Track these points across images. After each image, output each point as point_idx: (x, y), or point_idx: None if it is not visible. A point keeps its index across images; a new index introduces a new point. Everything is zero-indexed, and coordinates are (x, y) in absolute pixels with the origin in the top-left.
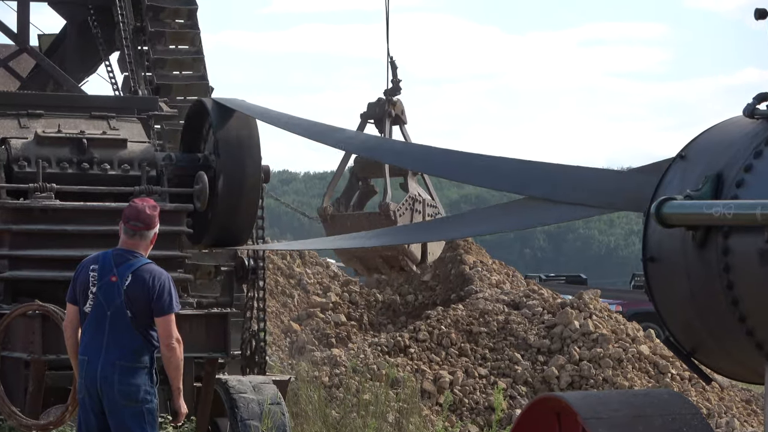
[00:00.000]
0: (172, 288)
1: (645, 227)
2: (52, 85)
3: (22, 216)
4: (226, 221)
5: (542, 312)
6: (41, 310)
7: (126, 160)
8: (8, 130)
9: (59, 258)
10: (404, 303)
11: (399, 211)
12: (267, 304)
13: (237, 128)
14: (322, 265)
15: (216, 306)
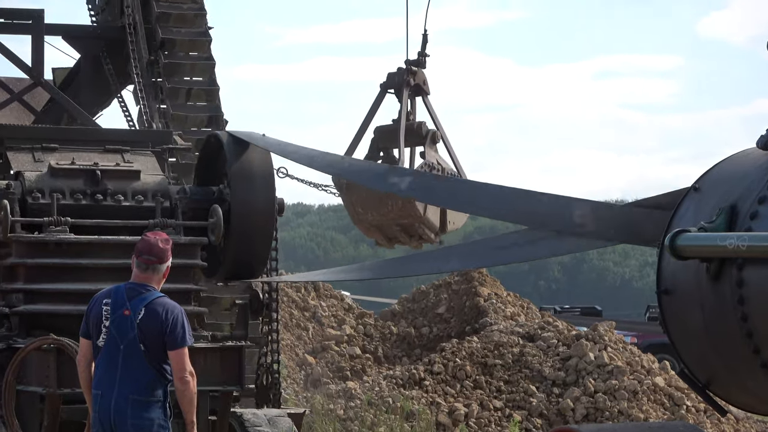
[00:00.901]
0: (185, 321)
1: (659, 259)
2: (66, 119)
3: (36, 250)
4: (240, 254)
5: (557, 344)
6: (56, 344)
7: (140, 191)
8: (23, 164)
9: (74, 291)
10: (419, 335)
11: None
12: (281, 337)
13: (251, 161)
14: (336, 297)
15: (230, 339)
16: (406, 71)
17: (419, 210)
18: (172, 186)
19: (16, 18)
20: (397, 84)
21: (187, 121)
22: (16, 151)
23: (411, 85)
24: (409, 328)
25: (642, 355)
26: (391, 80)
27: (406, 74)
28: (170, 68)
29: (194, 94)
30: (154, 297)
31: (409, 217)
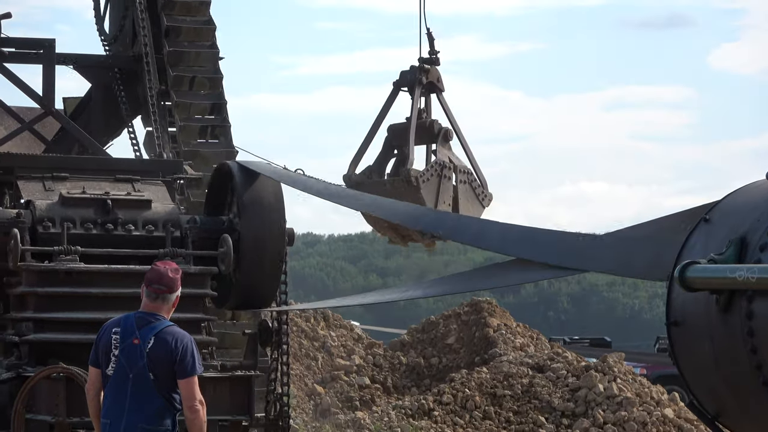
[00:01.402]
0: (194, 350)
1: (669, 291)
2: (77, 148)
3: (46, 278)
4: (250, 284)
5: (566, 375)
6: (65, 373)
7: (150, 220)
8: (33, 193)
9: (83, 320)
10: (428, 366)
11: (423, 178)
12: (291, 367)
13: (261, 191)
14: (346, 327)
15: (240, 369)
16: (418, 69)
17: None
18: (182, 215)
19: (27, 47)
20: (409, 82)
21: (191, 108)
22: (26, 180)
23: (423, 84)
24: (419, 358)
25: (651, 387)
26: (403, 78)
27: (419, 72)
28: (175, 57)
29: (198, 82)
30: (164, 326)
31: None
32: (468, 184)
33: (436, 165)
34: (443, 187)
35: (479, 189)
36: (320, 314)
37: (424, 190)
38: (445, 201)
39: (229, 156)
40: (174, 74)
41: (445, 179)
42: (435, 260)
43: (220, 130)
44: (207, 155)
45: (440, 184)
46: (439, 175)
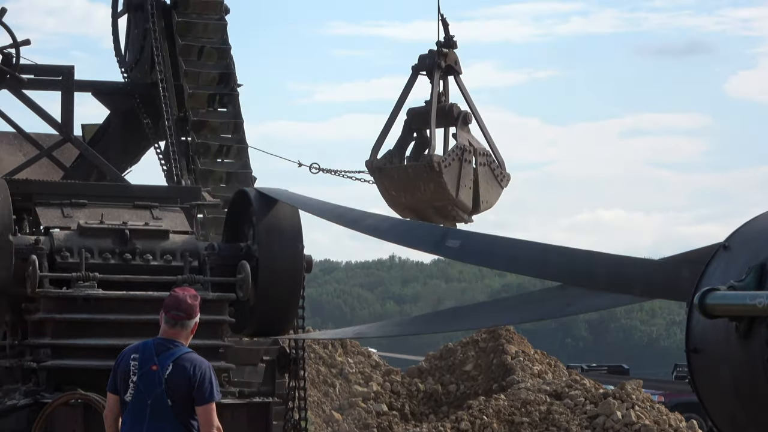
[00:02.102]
0: (212, 377)
1: (688, 318)
2: (95, 175)
3: (65, 305)
4: (268, 311)
5: (584, 402)
6: (83, 399)
7: (168, 250)
8: (51, 220)
9: (102, 347)
10: (446, 393)
11: (444, 162)
12: (308, 394)
13: (279, 218)
14: (363, 354)
15: (257, 395)
16: (437, 53)
17: (451, 192)
18: (200, 243)
19: (46, 74)
20: (428, 66)
21: (200, 78)
22: (45, 206)
23: (442, 67)
24: (437, 385)
25: (669, 414)
26: (422, 62)
27: (437, 56)
28: (183, 27)
29: (206, 52)
30: (182, 352)
31: (442, 200)
32: (488, 165)
33: (457, 149)
34: (464, 171)
35: (498, 170)
36: (338, 341)
37: (446, 175)
38: (466, 184)
39: (236, 126)
40: (183, 44)
41: (466, 163)
42: (452, 287)
43: (228, 99)
44: (215, 125)
45: (461, 168)
46: (460, 159)
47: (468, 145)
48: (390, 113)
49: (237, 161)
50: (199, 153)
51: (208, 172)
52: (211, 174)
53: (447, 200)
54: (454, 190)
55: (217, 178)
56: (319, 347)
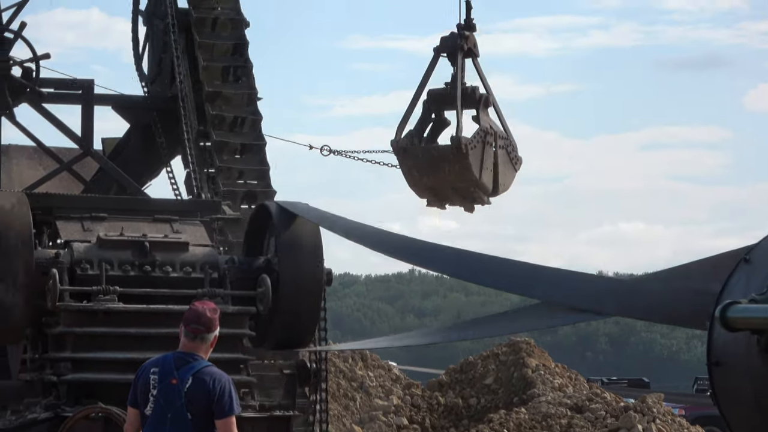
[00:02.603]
0: (232, 390)
1: (709, 331)
2: (115, 189)
3: (85, 318)
4: (288, 324)
5: (605, 416)
6: (104, 413)
7: (188, 263)
8: (72, 233)
9: (122, 360)
10: (466, 406)
11: (471, 145)
12: (329, 407)
13: (299, 231)
14: (384, 368)
15: (278, 409)
16: (459, 36)
17: (476, 174)
18: (220, 256)
19: (66, 88)
20: (450, 48)
21: (214, 49)
22: (65, 220)
23: (465, 49)
24: (457, 398)
25: (690, 428)
26: (444, 44)
27: (460, 39)
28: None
29: (220, 23)
30: (202, 366)
31: (465, 181)
32: (504, 149)
33: (481, 132)
34: (486, 154)
35: (513, 153)
36: (358, 354)
37: (471, 157)
38: (488, 167)
39: (250, 98)
40: (196, 16)
41: (488, 146)
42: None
43: (243, 71)
44: (229, 96)
45: (484, 151)
46: (483, 142)
47: (489, 129)
48: (413, 95)
49: (251, 132)
50: (213, 125)
51: (222, 143)
52: (226, 145)
53: (470, 182)
54: (478, 172)
55: (231, 150)
56: (340, 361)
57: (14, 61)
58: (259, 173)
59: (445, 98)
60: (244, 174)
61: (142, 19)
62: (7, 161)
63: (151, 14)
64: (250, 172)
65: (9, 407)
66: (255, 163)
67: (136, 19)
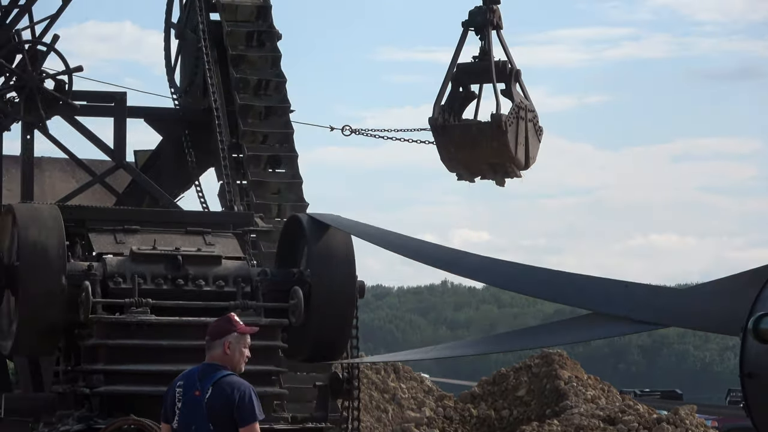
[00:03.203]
0: (253, 396)
1: (743, 343)
2: (147, 201)
3: (118, 331)
4: (321, 336)
5: (638, 427)
6: (136, 425)
7: (221, 276)
8: (104, 246)
9: (154, 372)
10: (499, 418)
11: (509, 122)
12: (361, 419)
13: (332, 243)
14: (416, 379)
15: (311, 421)
16: (488, 10)
17: (512, 150)
18: (252, 268)
19: (99, 101)
20: (479, 23)
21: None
22: (98, 232)
23: (494, 23)
24: (489, 410)
25: None
26: (473, 19)
27: (489, 13)
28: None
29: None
30: (222, 375)
31: (500, 157)
32: (532, 121)
33: (515, 108)
34: (520, 129)
35: (537, 125)
36: (391, 366)
37: (509, 134)
38: (520, 141)
39: (274, 60)
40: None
41: (521, 120)
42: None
43: (266, 36)
44: (253, 59)
45: (518, 127)
46: (518, 117)
47: (521, 102)
48: (446, 71)
49: (276, 95)
50: (239, 88)
51: (247, 107)
52: (251, 109)
53: (507, 158)
54: (514, 148)
55: (256, 113)
56: (372, 372)
57: (47, 74)
58: (282, 136)
59: (474, 72)
60: (268, 138)
61: (174, 32)
62: (40, 174)
63: (183, 27)
64: (273, 136)
65: (42, 419)
66: (279, 126)
67: (168, 31)
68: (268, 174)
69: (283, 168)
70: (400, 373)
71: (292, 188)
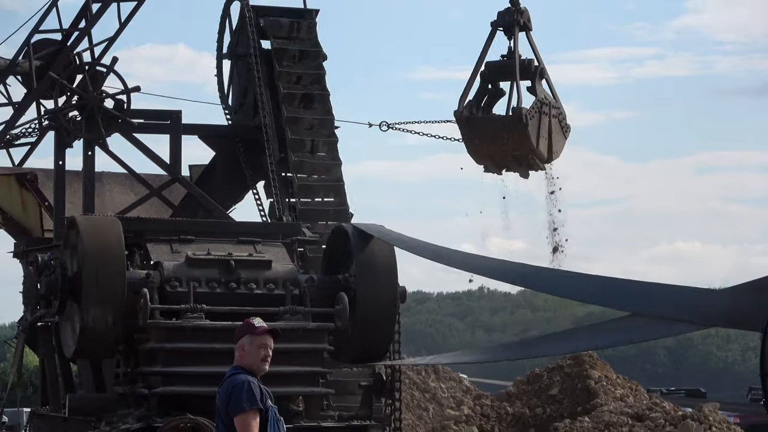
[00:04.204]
0: (245, 389)
1: (762, 343)
2: (201, 212)
3: (174, 335)
4: (365, 339)
5: (664, 424)
6: (192, 423)
7: (271, 280)
8: (161, 255)
9: (209, 374)
10: (533, 415)
11: (530, 115)
12: (403, 417)
13: (375, 252)
14: (455, 379)
15: (356, 419)
16: (515, 11)
17: (533, 143)
18: (300, 275)
19: (155, 118)
20: (507, 22)
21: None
22: (155, 242)
23: (521, 23)
24: (524, 408)
25: None
26: (501, 19)
27: (516, 14)
28: (299, 165)
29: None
30: (229, 375)
31: (522, 149)
32: (557, 118)
33: (538, 103)
34: (542, 123)
35: (564, 122)
36: (431, 367)
37: (530, 127)
38: (543, 135)
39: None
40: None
41: (543, 115)
42: (537, 316)
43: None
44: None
45: (540, 120)
46: (540, 112)
47: (545, 98)
48: (473, 68)
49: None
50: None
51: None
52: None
53: (528, 150)
54: (536, 141)
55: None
56: (413, 373)
57: (107, 94)
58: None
59: (501, 70)
60: (316, 146)
61: (226, 53)
62: (100, 187)
63: (235, 49)
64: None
65: (104, 418)
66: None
67: (220, 54)
68: (313, 180)
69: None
70: (440, 373)
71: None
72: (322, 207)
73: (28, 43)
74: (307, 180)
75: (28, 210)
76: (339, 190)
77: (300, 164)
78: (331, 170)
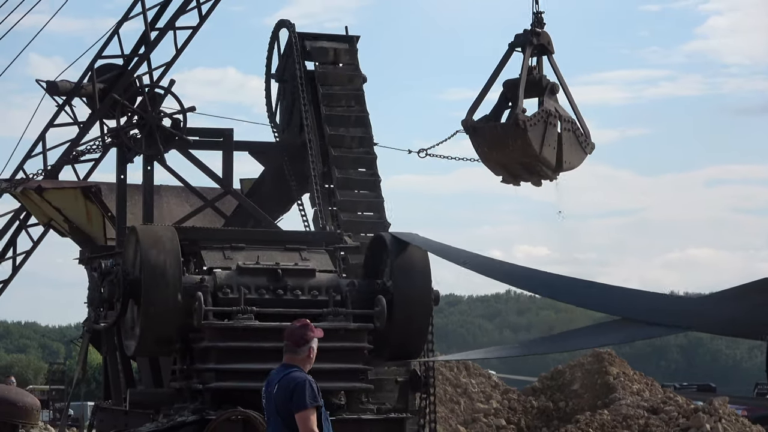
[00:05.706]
0: (307, 387)
1: None
2: (251, 222)
3: (227, 335)
4: (401, 338)
5: (678, 416)
6: (243, 416)
7: (315, 287)
8: (214, 261)
9: (258, 371)
10: (556, 409)
11: (530, 122)
12: (437, 410)
13: (411, 258)
14: (484, 376)
15: (393, 412)
16: (529, 32)
17: (536, 149)
18: (342, 280)
19: (209, 136)
20: (521, 43)
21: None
22: (209, 250)
23: (534, 44)
24: (548, 402)
25: (752, 426)
26: (517, 40)
27: (530, 35)
28: (342, 182)
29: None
30: (287, 372)
31: (528, 156)
32: (572, 132)
33: (543, 112)
34: (548, 133)
35: (582, 138)
36: (462, 364)
37: (531, 133)
38: (550, 144)
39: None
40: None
41: (550, 126)
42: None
43: (353, 78)
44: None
45: (546, 130)
46: (545, 122)
47: (553, 111)
48: (486, 83)
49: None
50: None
51: (337, 137)
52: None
53: (532, 156)
54: (538, 147)
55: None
56: (446, 370)
57: (165, 113)
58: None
59: (517, 85)
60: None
61: (274, 76)
62: (158, 199)
63: (282, 72)
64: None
65: (161, 411)
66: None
67: (268, 76)
68: (354, 194)
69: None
70: (471, 370)
71: (375, 207)
72: (362, 219)
73: (92, 68)
74: (349, 196)
75: (92, 220)
76: (378, 206)
77: (343, 181)
78: (371, 186)
